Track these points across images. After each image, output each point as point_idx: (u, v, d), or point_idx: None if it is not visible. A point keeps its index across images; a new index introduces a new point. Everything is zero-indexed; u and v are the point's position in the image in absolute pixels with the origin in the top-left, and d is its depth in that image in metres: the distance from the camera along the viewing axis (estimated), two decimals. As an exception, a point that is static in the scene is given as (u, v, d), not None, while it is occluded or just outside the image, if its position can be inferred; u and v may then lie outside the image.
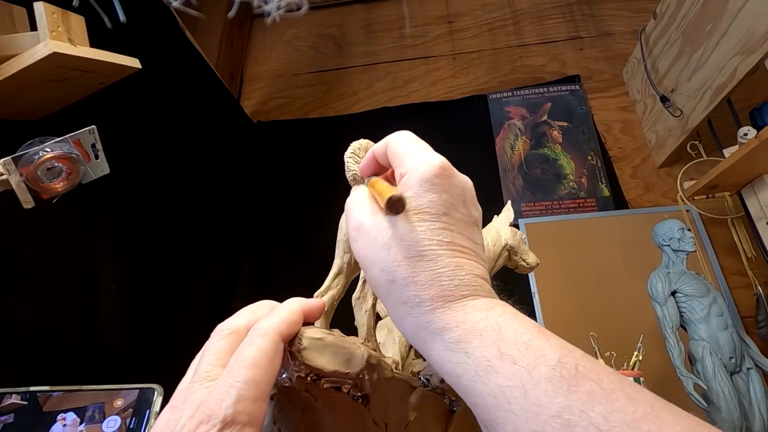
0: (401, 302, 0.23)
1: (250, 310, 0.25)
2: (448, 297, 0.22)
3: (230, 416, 0.19)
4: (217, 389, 0.20)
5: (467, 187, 0.26)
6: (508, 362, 0.20)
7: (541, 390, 0.19)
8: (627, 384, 0.19)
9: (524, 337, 0.20)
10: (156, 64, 0.58)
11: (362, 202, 0.27)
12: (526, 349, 0.20)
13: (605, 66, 1.22)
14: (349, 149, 0.31)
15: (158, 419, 0.22)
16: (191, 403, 0.20)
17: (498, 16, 1.36)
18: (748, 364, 0.76)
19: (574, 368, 0.19)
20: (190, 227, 0.96)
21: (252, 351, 0.21)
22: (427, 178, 0.24)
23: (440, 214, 0.24)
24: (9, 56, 0.54)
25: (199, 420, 0.19)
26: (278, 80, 1.36)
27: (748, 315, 0.85)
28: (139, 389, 0.51)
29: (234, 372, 0.21)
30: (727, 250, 0.92)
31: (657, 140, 1.06)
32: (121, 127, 0.79)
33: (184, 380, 0.23)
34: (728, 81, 0.81)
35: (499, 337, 0.21)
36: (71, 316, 0.68)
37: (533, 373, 0.19)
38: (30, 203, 0.51)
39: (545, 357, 0.19)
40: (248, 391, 0.20)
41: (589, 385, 0.18)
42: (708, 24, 0.84)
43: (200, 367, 0.22)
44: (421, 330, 0.23)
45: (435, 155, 0.25)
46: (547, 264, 0.96)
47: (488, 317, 0.21)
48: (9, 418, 0.46)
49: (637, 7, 1.28)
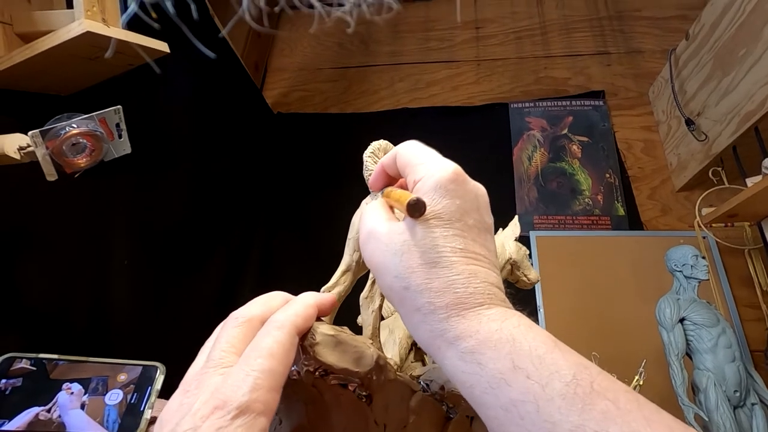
0: (415, 309, 0.23)
1: (264, 300, 0.25)
2: (463, 305, 0.22)
3: (245, 404, 0.19)
4: (233, 376, 0.20)
5: (480, 194, 0.26)
6: (522, 376, 0.19)
7: (554, 407, 0.18)
8: (645, 405, 0.18)
9: (539, 350, 0.20)
10: (184, 50, 0.59)
11: (376, 209, 0.27)
12: (540, 363, 0.19)
13: (631, 84, 1.20)
14: (369, 149, 0.31)
15: (169, 402, 0.21)
16: (206, 389, 0.20)
17: (526, 25, 1.35)
18: (753, 399, 0.74)
19: (589, 386, 0.18)
20: (203, 212, 0.97)
21: (269, 341, 0.21)
22: (441, 184, 0.24)
23: (454, 221, 0.23)
24: (45, 32, 0.56)
25: (214, 405, 0.19)
26: (301, 73, 1.37)
27: (758, 349, 0.83)
28: (143, 366, 0.52)
29: (251, 361, 0.21)
30: (742, 281, 0.90)
31: (678, 163, 1.04)
32: (145, 109, 0.81)
33: (194, 365, 0.23)
34: (757, 109, 0.79)
35: (513, 349, 0.20)
36: (82, 289, 0.69)
37: (547, 389, 0.19)
38: (53, 176, 0.53)
39: (560, 372, 0.19)
40: (264, 381, 0.20)
41: (605, 404, 0.18)
42: (741, 49, 0.82)
43: (214, 353, 0.22)
44: (435, 338, 0.22)
45: (448, 162, 0.25)
46: (555, 279, 0.95)
47: (503, 328, 0.21)
48: (18, 382, 0.47)
49: (669, 27, 1.25)
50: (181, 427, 0.19)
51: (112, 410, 0.49)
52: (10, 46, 0.58)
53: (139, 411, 0.49)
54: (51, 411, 0.47)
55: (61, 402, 0.47)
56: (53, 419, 0.47)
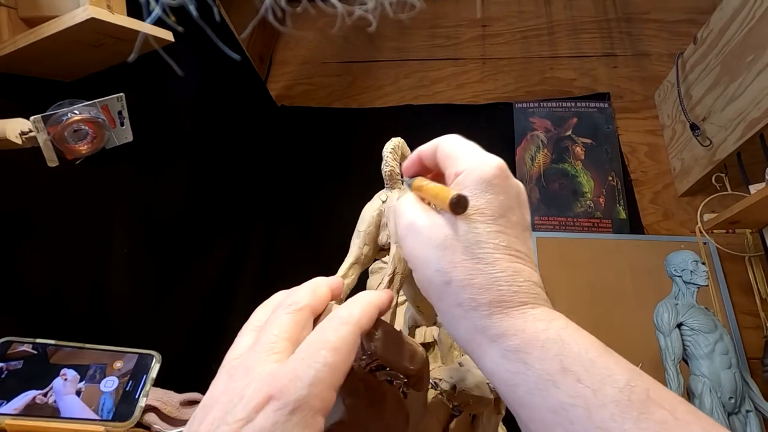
0: (456, 304, 0.22)
1: (311, 288, 0.23)
2: (507, 303, 0.21)
3: (304, 398, 0.18)
4: (291, 365, 0.19)
5: (521, 191, 0.25)
6: (572, 379, 0.18)
7: (607, 413, 0.17)
8: (703, 418, 0.17)
9: (590, 354, 0.19)
10: (188, 39, 0.59)
11: (413, 201, 0.26)
12: (591, 367, 0.19)
13: (638, 86, 1.19)
14: (390, 144, 0.31)
15: (212, 387, 0.20)
16: (257, 375, 0.19)
17: (533, 24, 1.34)
18: (748, 406, 0.74)
19: (644, 393, 0.18)
20: (204, 202, 0.97)
21: (334, 336, 0.20)
22: (485, 179, 0.23)
23: (497, 216, 0.23)
24: (49, 17, 0.56)
25: (268, 394, 0.18)
26: (306, 66, 1.37)
27: (755, 357, 0.83)
28: (139, 354, 0.52)
29: (313, 352, 0.19)
30: (741, 288, 0.90)
31: (682, 168, 1.04)
32: (147, 98, 0.81)
33: (235, 348, 0.22)
34: (763, 116, 0.78)
35: (562, 350, 0.19)
36: (81, 276, 0.70)
37: (598, 394, 0.18)
38: (54, 162, 0.53)
39: (612, 378, 0.18)
40: (326, 376, 0.18)
41: (662, 414, 0.17)
42: (749, 55, 0.81)
43: (264, 337, 0.20)
44: (476, 334, 0.22)
45: (492, 156, 0.25)
46: (554, 280, 0.95)
47: (549, 328, 0.21)
48: (18, 364, 0.48)
49: (677, 30, 1.24)
50: (232, 416, 0.17)
51: (108, 397, 0.49)
52: (15, 30, 0.58)
53: (134, 398, 0.49)
54: (47, 395, 0.47)
55: (56, 387, 0.48)
56: (48, 403, 0.47)
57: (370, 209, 0.33)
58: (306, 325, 0.22)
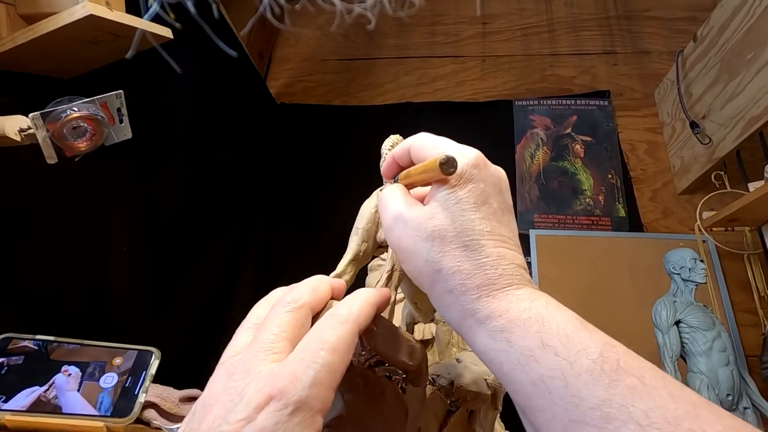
0: (447, 291, 0.23)
1: (312, 286, 0.23)
2: (493, 286, 0.23)
3: (304, 399, 0.18)
4: (291, 365, 0.19)
5: (502, 177, 0.26)
6: (550, 353, 0.20)
7: (581, 382, 0.19)
8: (670, 382, 0.19)
9: (567, 329, 0.21)
10: (187, 36, 0.59)
11: (398, 193, 0.27)
12: (568, 341, 0.20)
13: (637, 84, 1.19)
14: (388, 142, 0.32)
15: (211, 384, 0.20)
16: (258, 375, 0.19)
17: (533, 22, 1.34)
18: (746, 403, 0.75)
19: (615, 363, 0.19)
20: (203, 200, 0.97)
21: (333, 336, 0.20)
22: (463, 169, 0.24)
23: (480, 204, 0.24)
24: (48, 14, 0.56)
25: (269, 394, 0.18)
26: (306, 64, 1.37)
27: (753, 354, 0.84)
28: (138, 350, 0.52)
29: (313, 352, 0.19)
30: (740, 286, 0.90)
31: (681, 166, 1.04)
32: (146, 95, 0.81)
33: (233, 345, 0.22)
34: (763, 114, 0.78)
35: (542, 328, 0.21)
36: (80, 273, 0.70)
37: (574, 366, 0.19)
38: (53, 159, 0.53)
39: (587, 350, 0.20)
40: (325, 376, 0.19)
41: (631, 380, 0.19)
42: (749, 53, 0.81)
43: (263, 336, 0.20)
44: (466, 318, 0.23)
45: (468, 147, 0.26)
46: (553, 278, 0.95)
47: (531, 308, 0.22)
48: (19, 360, 0.48)
49: (677, 28, 1.24)
50: (234, 416, 0.18)
51: (107, 394, 0.49)
52: (13, 27, 0.58)
53: (133, 395, 0.49)
54: (48, 392, 0.47)
55: (58, 383, 0.48)
56: (50, 399, 0.47)
57: (368, 206, 0.33)
58: (305, 324, 0.22)
